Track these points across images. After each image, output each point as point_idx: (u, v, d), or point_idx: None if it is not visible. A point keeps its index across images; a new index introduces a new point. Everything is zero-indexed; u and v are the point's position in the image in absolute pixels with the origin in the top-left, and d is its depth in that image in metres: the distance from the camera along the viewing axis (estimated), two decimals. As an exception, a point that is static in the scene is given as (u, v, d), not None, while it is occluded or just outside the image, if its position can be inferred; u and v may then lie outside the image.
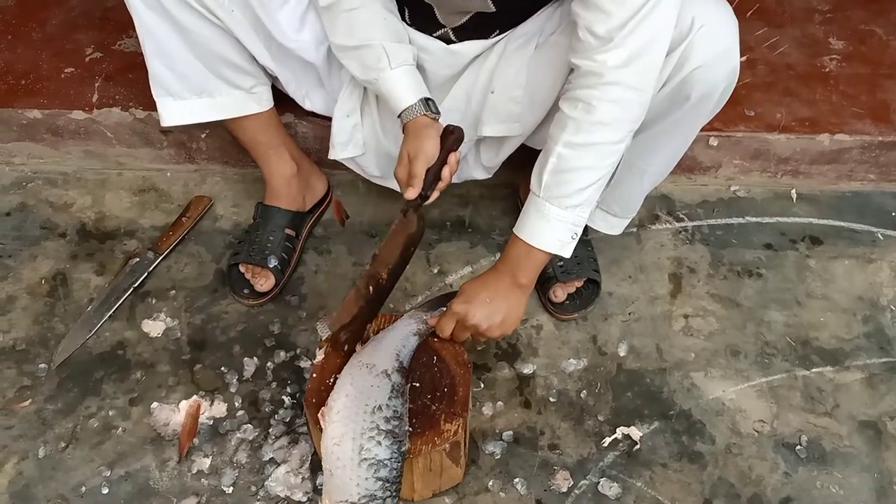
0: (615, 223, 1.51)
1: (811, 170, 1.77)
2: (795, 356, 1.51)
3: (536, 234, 1.21)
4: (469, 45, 1.35)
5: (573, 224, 1.20)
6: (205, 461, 1.36)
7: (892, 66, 1.84)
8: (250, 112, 1.49)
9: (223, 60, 1.40)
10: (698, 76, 1.17)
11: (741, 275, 1.64)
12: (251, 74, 1.45)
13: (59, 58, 1.83)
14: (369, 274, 1.27)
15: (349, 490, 1.12)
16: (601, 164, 1.18)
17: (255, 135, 1.54)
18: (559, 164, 1.17)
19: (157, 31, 1.34)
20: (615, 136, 1.16)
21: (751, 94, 1.77)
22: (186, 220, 1.70)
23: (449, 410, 1.24)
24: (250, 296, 1.57)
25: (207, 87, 1.43)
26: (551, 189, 1.18)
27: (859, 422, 1.43)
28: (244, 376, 1.48)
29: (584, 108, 1.14)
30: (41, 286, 1.62)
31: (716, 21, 1.15)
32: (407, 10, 1.34)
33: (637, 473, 1.36)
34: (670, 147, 1.35)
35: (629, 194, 1.46)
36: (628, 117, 1.16)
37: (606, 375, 1.49)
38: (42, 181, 1.82)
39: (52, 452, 1.37)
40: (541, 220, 1.20)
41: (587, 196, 1.19)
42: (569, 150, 1.16)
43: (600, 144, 1.16)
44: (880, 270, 1.65)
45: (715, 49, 1.16)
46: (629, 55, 1.10)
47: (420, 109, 1.28)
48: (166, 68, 1.39)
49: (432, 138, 1.26)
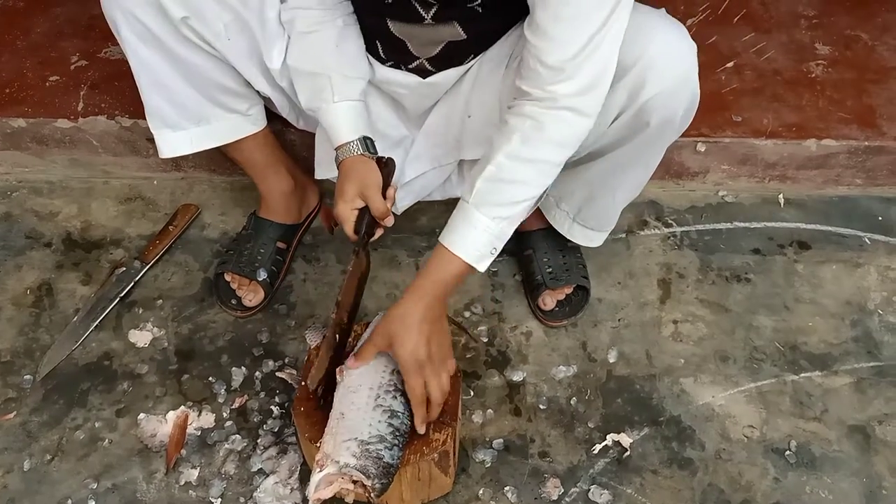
0: (593, 236, 1.51)
1: (798, 175, 1.78)
2: (784, 361, 1.52)
3: (459, 241, 1.16)
4: (445, 75, 1.33)
5: (496, 237, 1.16)
6: (193, 472, 1.35)
7: (877, 72, 1.85)
8: (247, 134, 1.47)
9: (219, 87, 1.38)
10: (656, 103, 1.15)
11: (730, 280, 1.64)
12: (246, 97, 1.43)
13: (44, 66, 1.82)
14: (336, 323, 1.23)
15: (360, 429, 1.13)
16: (538, 182, 1.16)
17: (252, 154, 1.52)
18: (497, 173, 1.14)
19: (154, 65, 1.31)
20: (559, 157, 1.15)
21: (738, 99, 1.77)
22: (173, 229, 1.69)
23: (438, 419, 1.23)
24: (238, 307, 1.56)
25: (204, 114, 1.41)
26: (483, 196, 1.15)
27: (848, 426, 1.43)
28: (232, 386, 1.47)
29: (534, 126, 1.12)
30: (26, 296, 1.60)
31: (671, 47, 1.13)
32: (380, 45, 1.32)
33: (627, 480, 1.36)
34: (640, 168, 1.35)
35: (604, 210, 1.46)
36: (574, 141, 1.14)
37: (596, 382, 1.48)
38: (27, 190, 1.80)
39: (38, 465, 1.36)
40: (466, 227, 1.16)
41: (517, 211, 1.17)
42: (510, 162, 1.13)
43: (544, 162, 1.15)
44: (868, 275, 1.66)
45: (672, 75, 1.14)
46: (581, 86, 1.09)
47: (357, 148, 1.26)
48: (164, 100, 1.37)
49: (373, 172, 1.25)
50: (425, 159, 1.45)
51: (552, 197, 1.48)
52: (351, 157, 1.27)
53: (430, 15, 1.21)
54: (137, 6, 1.23)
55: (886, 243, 1.71)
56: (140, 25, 1.25)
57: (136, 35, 1.27)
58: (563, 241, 1.59)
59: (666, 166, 1.74)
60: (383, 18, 1.25)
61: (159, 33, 1.26)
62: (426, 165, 1.45)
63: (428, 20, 1.22)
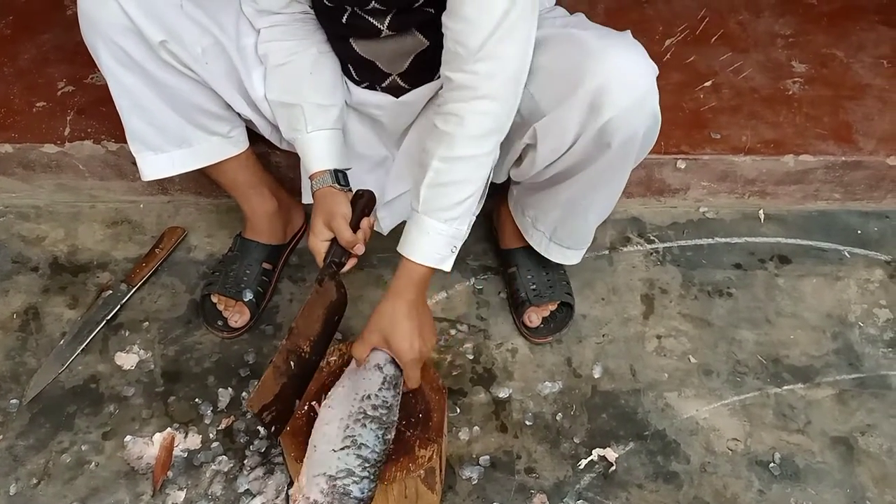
0: (570, 254, 1.52)
1: (778, 190, 1.80)
2: (767, 374, 1.53)
3: (417, 250, 1.20)
4: (419, 93, 1.36)
5: (452, 237, 1.20)
6: (179, 494, 1.35)
7: (853, 89, 1.88)
8: (229, 156, 1.48)
9: (199, 110, 1.39)
10: (615, 125, 1.16)
11: (712, 295, 1.66)
12: (227, 120, 1.44)
13: (31, 92, 1.83)
14: (287, 349, 1.21)
15: (328, 463, 1.14)
16: (475, 177, 1.19)
17: (235, 175, 1.54)
18: (436, 178, 1.17)
19: (134, 89, 1.33)
20: (486, 148, 1.18)
21: (717, 117, 1.80)
22: (160, 252, 1.70)
23: (424, 436, 1.23)
24: (224, 328, 1.56)
25: (186, 137, 1.42)
26: (430, 202, 1.18)
27: (831, 438, 1.44)
28: (219, 407, 1.47)
29: (457, 122, 1.15)
30: (13, 321, 1.60)
31: (628, 69, 1.14)
32: (352, 68, 1.35)
33: (613, 495, 1.36)
34: (607, 186, 1.35)
35: (577, 228, 1.47)
36: (496, 128, 1.18)
37: (581, 397, 1.49)
38: (14, 215, 1.81)
39: (24, 489, 1.36)
40: (421, 234, 1.20)
41: (465, 209, 1.20)
42: (445, 165, 1.17)
43: (473, 157, 1.17)
44: (848, 288, 1.68)
45: (629, 97, 1.15)
46: (497, 67, 1.13)
47: (327, 180, 1.29)
48: (145, 123, 1.38)
49: (342, 203, 1.27)
50: (405, 178, 1.46)
51: (529, 217, 1.50)
52: (322, 188, 1.29)
53: (385, 25, 1.23)
54: (117, 32, 1.25)
55: (865, 256, 1.74)
56: (119, 50, 1.27)
57: (115, 60, 1.29)
58: (547, 259, 1.61)
59: (647, 183, 1.77)
60: (347, 40, 1.29)
61: (138, 58, 1.28)
62: (407, 184, 1.47)
63: (385, 31, 1.24)
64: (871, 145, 1.76)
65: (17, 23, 2.02)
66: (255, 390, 1.18)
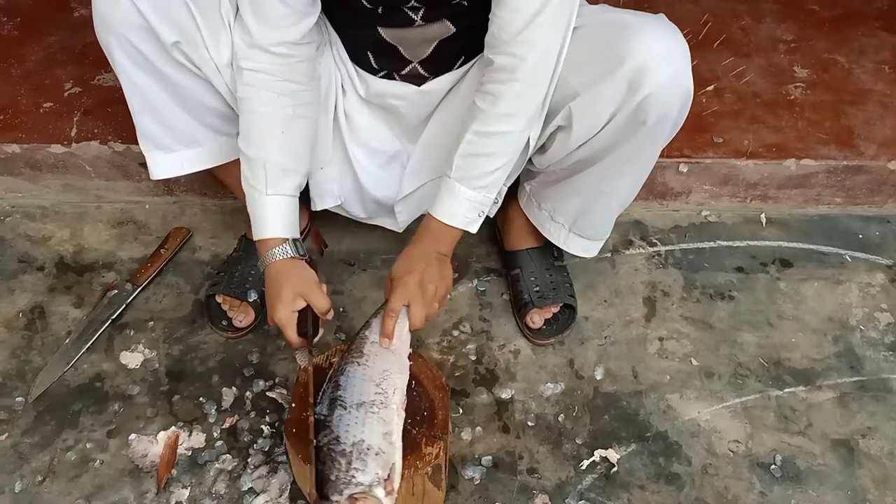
0: (589, 246, 1.53)
1: (779, 194, 1.81)
2: (768, 377, 1.54)
3: (447, 213, 1.29)
4: (439, 82, 1.38)
5: (480, 203, 1.29)
6: (183, 492, 1.35)
7: (854, 93, 1.90)
8: (237, 156, 1.48)
9: (209, 110, 1.39)
10: (652, 101, 1.20)
11: (714, 297, 1.67)
12: (235, 121, 1.42)
13: (38, 93, 1.84)
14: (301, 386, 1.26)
15: None
16: (506, 151, 1.27)
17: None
18: (469, 149, 1.26)
19: (145, 88, 1.33)
20: (516, 126, 1.26)
21: (719, 121, 1.81)
22: (165, 252, 1.71)
23: (430, 434, 1.24)
24: (229, 328, 1.57)
25: (195, 137, 1.43)
26: (462, 171, 1.27)
27: (832, 440, 1.45)
28: (223, 406, 1.47)
29: (492, 101, 1.23)
30: (18, 319, 1.61)
31: (666, 47, 1.20)
32: (371, 55, 1.36)
33: (615, 496, 1.37)
34: (634, 171, 1.38)
35: (599, 218, 1.49)
36: (527, 109, 1.25)
37: (584, 399, 1.50)
38: (20, 215, 1.82)
39: (29, 486, 1.36)
40: (452, 199, 1.28)
41: (494, 179, 1.28)
42: (478, 138, 1.25)
43: (504, 133, 1.25)
44: (849, 291, 1.69)
45: (667, 73, 1.19)
46: (533, 50, 1.19)
47: (288, 251, 1.29)
48: (156, 123, 1.39)
49: (311, 272, 1.30)
50: (422, 172, 1.49)
51: (546, 211, 1.51)
52: (281, 259, 1.29)
53: (419, 16, 1.27)
54: (131, 31, 1.26)
55: (867, 260, 1.75)
56: (133, 49, 1.28)
57: (129, 59, 1.30)
58: (550, 261, 1.62)
59: (649, 187, 1.77)
60: (374, 28, 1.30)
61: (152, 57, 1.29)
62: (423, 178, 1.49)
63: (419, 22, 1.27)
64: (872, 150, 1.77)
65: (24, 24, 2.03)
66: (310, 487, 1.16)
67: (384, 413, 1.20)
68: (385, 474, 1.13)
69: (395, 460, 1.15)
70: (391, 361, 1.28)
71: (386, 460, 1.14)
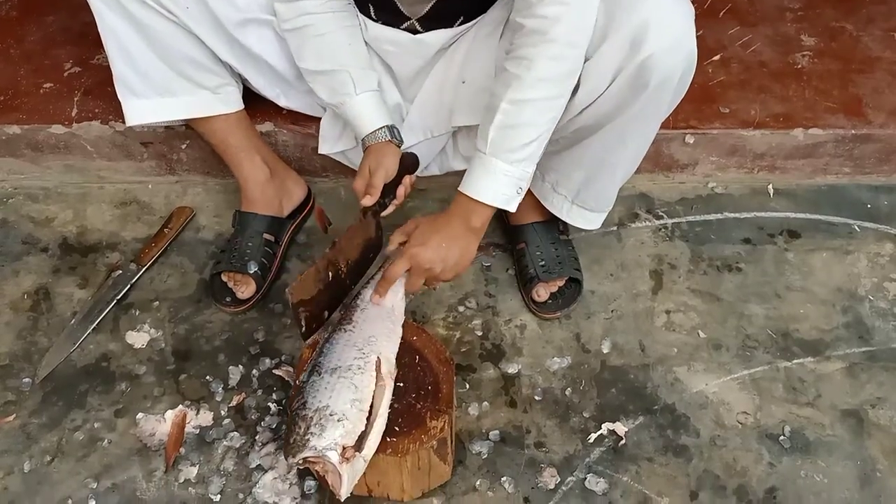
0: (592, 217, 1.52)
1: (787, 164, 1.79)
2: (776, 348, 1.53)
3: (483, 190, 1.24)
4: (435, 35, 1.38)
5: (518, 178, 1.24)
6: (192, 470, 1.36)
7: (862, 62, 1.87)
8: (217, 113, 1.49)
9: (185, 58, 1.41)
10: (654, 63, 1.18)
11: (721, 269, 1.66)
12: (215, 73, 1.46)
13: (38, 73, 1.83)
14: (329, 258, 1.31)
15: None
16: (543, 119, 1.22)
17: (226, 137, 1.55)
18: (505, 120, 1.21)
19: (119, 31, 1.36)
20: (554, 91, 1.21)
21: (725, 91, 1.79)
22: (168, 232, 1.70)
23: (434, 408, 1.24)
24: (232, 303, 1.56)
25: (171, 86, 1.45)
26: (497, 144, 1.22)
27: (841, 411, 1.44)
28: (229, 385, 1.47)
29: (526, 66, 1.18)
30: (24, 301, 1.61)
31: (669, 8, 1.18)
32: (372, 6, 1.37)
33: (623, 468, 1.36)
34: (636, 139, 1.37)
35: (602, 189, 1.48)
36: (565, 72, 1.21)
37: (591, 373, 1.49)
38: (23, 196, 1.81)
39: (38, 466, 1.37)
40: (487, 176, 1.24)
41: (532, 151, 1.23)
42: (513, 107, 1.20)
43: (541, 100, 1.21)
44: (858, 261, 1.67)
45: (669, 35, 1.18)
46: (564, 10, 1.15)
47: (385, 135, 1.37)
48: (129, 68, 1.42)
49: (392, 156, 1.36)
50: (418, 130, 1.49)
51: (549, 182, 1.50)
52: (378, 143, 1.37)
53: None
54: None
55: (876, 230, 1.73)
56: None
57: (103, 1, 1.32)
58: (556, 235, 1.61)
59: (655, 159, 1.76)
60: None
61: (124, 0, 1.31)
62: (419, 136, 1.50)
63: None
64: (881, 118, 1.75)
65: (22, 5, 2.01)
66: (296, 283, 1.24)
67: (358, 379, 1.20)
68: (348, 441, 1.13)
69: (365, 429, 1.15)
70: (379, 328, 1.28)
71: (350, 428, 1.14)
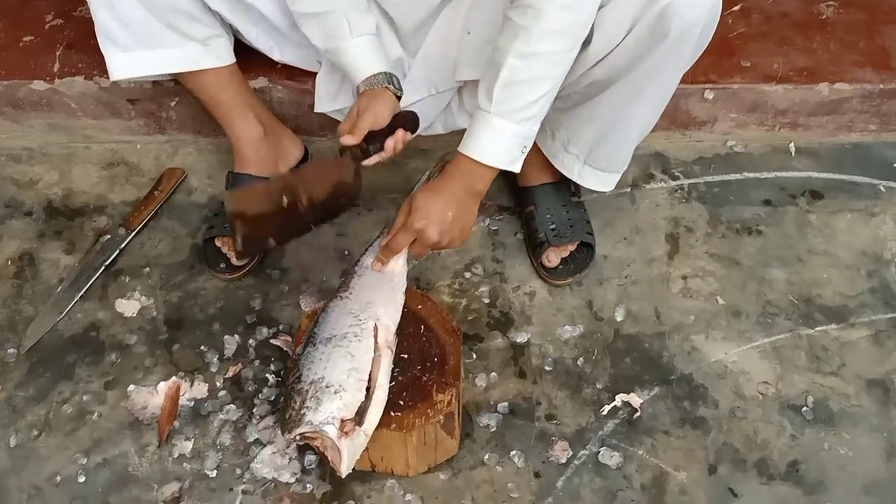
0: (605, 178, 1.45)
1: (810, 122, 1.72)
2: (799, 315, 1.47)
3: (487, 152, 1.18)
4: None
5: (524, 138, 1.18)
6: (186, 444, 1.31)
7: (890, 12, 1.79)
8: (205, 66, 1.42)
9: (172, 8, 1.33)
10: (675, 10, 1.11)
11: (740, 232, 1.59)
12: (204, 24, 1.38)
13: (17, 26, 1.75)
14: (286, 181, 1.26)
15: None
16: (552, 74, 1.15)
17: (216, 93, 1.47)
18: (511, 76, 1.13)
19: None
20: (565, 44, 1.14)
21: (746, 44, 1.71)
22: (159, 194, 1.63)
23: (440, 380, 1.19)
24: (227, 270, 1.50)
25: (157, 38, 1.37)
26: (503, 103, 1.15)
27: (866, 380, 1.39)
28: (225, 355, 1.42)
29: (534, 15, 1.10)
30: (7, 267, 1.55)
31: None
32: None
33: (638, 441, 1.32)
34: (654, 95, 1.29)
35: (616, 148, 1.41)
36: (577, 22, 1.13)
37: (603, 342, 1.44)
38: (5, 157, 1.74)
39: (24, 441, 1.32)
40: (491, 136, 1.17)
41: (539, 108, 1.17)
42: (520, 61, 1.12)
43: (551, 53, 1.13)
44: (883, 224, 1.61)
45: None
46: None
47: (382, 81, 1.27)
48: (112, 18, 1.34)
49: (385, 102, 1.25)
50: (421, 85, 1.42)
51: (559, 140, 1.42)
52: (372, 88, 1.27)
53: None
54: None
55: (902, 191, 1.66)
56: None
57: None
58: (567, 197, 1.54)
59: (672, 116, 1.69)
60: None
61: None
62: (423, 92, 1.43)
63: None
64: (910, 72, 1.67)
65: (-1, -47, 1.91)
66: (238, 191, 1.20)
67: (355, 347, 1.15)
68: (346, 414, 1.08)
69: (365, 400, 1.10)
70: (378, 294, 1.23)
71: (348, 400, 1.09)
